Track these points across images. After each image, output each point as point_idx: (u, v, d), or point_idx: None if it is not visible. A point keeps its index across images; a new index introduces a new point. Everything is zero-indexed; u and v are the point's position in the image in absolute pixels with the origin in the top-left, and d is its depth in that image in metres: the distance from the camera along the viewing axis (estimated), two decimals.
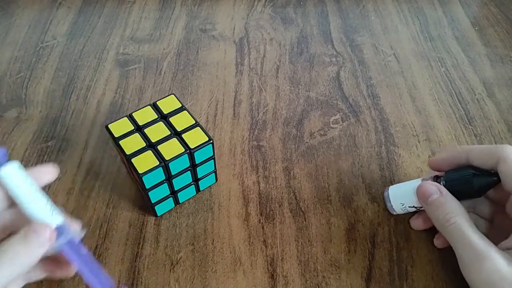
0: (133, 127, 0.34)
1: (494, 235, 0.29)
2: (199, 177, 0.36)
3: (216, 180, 0.39)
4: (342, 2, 0.60)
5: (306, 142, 0.43)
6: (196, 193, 0.38)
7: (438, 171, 0.33)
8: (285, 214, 0.37)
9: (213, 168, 0.37)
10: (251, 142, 0.42)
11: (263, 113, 0.45)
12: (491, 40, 0.54)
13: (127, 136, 0.33)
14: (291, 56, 0.52)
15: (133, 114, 0.35)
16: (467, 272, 0.27)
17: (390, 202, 0.36)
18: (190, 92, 0.47)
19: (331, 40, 0.54)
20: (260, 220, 0.37)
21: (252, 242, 0.35)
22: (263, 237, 0.35)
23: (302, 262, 0.34)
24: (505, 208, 0.30)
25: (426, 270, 0.34)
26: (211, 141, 0.33)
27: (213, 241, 0.35)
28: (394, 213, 0.36)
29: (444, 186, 0.30)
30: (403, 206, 0.34)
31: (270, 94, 0.47)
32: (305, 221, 0.36)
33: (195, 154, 0.33)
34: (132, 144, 0.33)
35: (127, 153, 0.32)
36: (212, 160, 0.35)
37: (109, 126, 0.34)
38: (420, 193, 0.31)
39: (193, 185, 0.36)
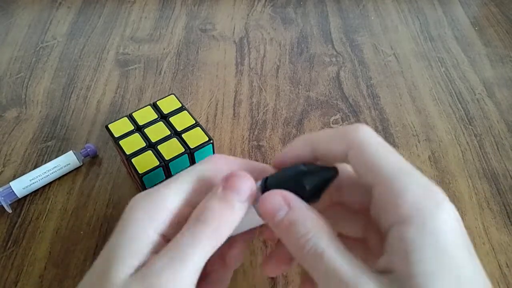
0: (133, 127, 0.34)
1: (371, 257, 0.21)
2: None
3: None
4: (342, 2, 0.60)
5: None
6: None
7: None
8: None
9: None
10: (251, 142, 0.42)
11: (263, 113, 0.45)
12: (491, 40, 0.54)
13: (127, 136, 0.33)
14: (291, 56, 0.52)
15: (133, 114, 0.35)
16: None
17: None
18: (190, 92, 0.47)
19: (331, 40, 0.54)
20: None
21: (252, 242, 0.35)
22: (263, 237, 0.35)
23: None
24: (370, 211, 0.22)
25: None
26: (211, 141, 0.33)
27: None
28: None
29: (264, 191, 0.22)
30: None
31: (270, 94, 0.47)
32: None
33: (195, 154, 0.33)
34: (132, 144, 0.33)
35: (127, 153, 0.32)
36: None
37: (109, 126, 0.34)
38: (264, 210, 0.21)
39: None
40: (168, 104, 0.36)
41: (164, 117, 0.35)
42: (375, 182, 0.20)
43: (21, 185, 0.37)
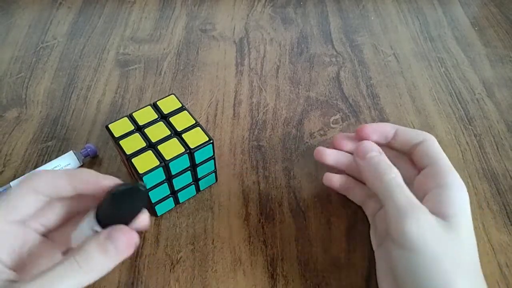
0: (133, 127, 0.34)
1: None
2: (199, 177, 0.36)
3: (216, 180, 0.39)
4: (342, 2, 0.60)
5: (306, 142, 0.43)
6: (196, 193, 0.38)
7: (361, 138, 0.34)
8: (285, 214, 0.37)
9: (213, 168, 0.37)
10: (251, 142, 0.42)
11: (263, 113, 0.45)
12: (491, 40, 0.55)
13: (127, 136, 0.33)
14: (291, 56, 0.52)
15: (133, 114, 0.35)
16: (401, 224, 0.28)
17: None
18: (190, 92, 0.47)
19: (331, 40, 0.54)
20: (260, 220, 0.37)
21: (252, 242, 0.35)
22: (263, 237, 0.35)
23: (302, 262, 0.34)
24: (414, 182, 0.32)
25: None
26: (211, 141, 0.33)
27: (213, 241, 0.35)
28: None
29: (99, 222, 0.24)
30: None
31: (270, 94, 0.47)
32: (305, 221, 0.37)
33: (195, 154, 0.33)
34: (132, 144, 0.33)
35: (127, 153, 0.32)
36: (212, 160, 0.35)
37: (109, 126, 0.34)
38: (359, 149, 0.32)
39: (193, 185, 0.36)
40: (168, 104, 0.36)
41: (164, 117, 0.35)
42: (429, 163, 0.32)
43: None
